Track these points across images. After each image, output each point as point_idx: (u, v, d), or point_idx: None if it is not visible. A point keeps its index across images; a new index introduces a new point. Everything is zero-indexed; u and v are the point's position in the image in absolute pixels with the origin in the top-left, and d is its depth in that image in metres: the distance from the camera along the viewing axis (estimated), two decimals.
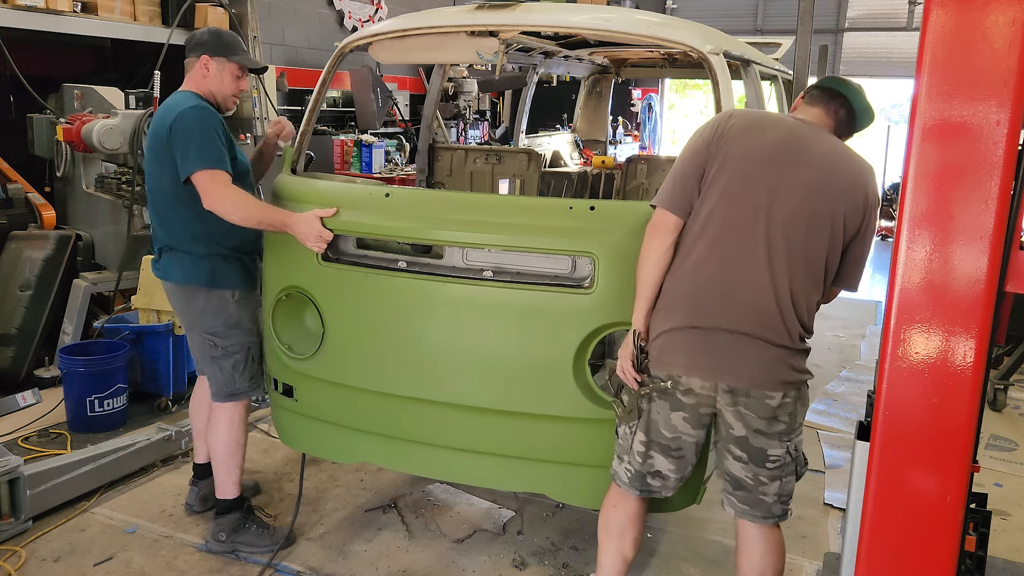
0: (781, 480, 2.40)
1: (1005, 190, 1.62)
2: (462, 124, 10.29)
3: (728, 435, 2.39)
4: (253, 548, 3.20)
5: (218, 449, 3.20)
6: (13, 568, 3.08)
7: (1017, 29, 1.56)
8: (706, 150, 2.33)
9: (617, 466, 2.54)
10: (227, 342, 3.14)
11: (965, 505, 1.76)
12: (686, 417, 2.38)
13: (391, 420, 3.00)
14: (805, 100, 2.47)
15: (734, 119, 2.36)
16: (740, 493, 2.43)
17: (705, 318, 2.29)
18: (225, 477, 3.22)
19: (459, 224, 2.79)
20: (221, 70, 3.09)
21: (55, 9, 5.68)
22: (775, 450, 2.36)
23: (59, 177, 5.64)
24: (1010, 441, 4.55)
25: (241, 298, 3.16)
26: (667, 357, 2.36)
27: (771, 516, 2.43)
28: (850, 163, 2.33)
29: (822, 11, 12.19)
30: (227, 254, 3.11)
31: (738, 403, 2.32)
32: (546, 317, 2.70)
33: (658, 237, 2.36)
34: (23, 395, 4.58)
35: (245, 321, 3.18)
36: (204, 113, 2.96)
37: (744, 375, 2.29)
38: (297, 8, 8.73)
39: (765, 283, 2.26)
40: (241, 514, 3.24)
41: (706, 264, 2.30)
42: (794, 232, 2.26)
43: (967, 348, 1.67)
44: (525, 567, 3.19)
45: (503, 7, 3.06)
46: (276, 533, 3.26)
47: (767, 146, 2.29)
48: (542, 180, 5.31)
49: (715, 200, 2.29)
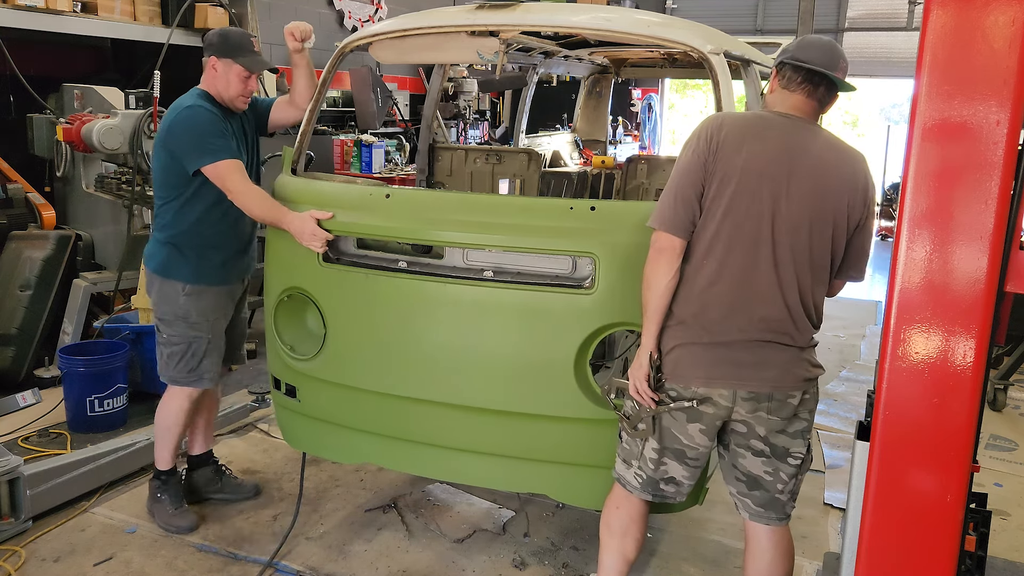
0: (798, 477, 2.42)
1: (1005, 190, 1.62)
2: (462, 124, 10.29)
3: (749, 432, 2.36)
4: (156, 519, 3.39)
5: (156, 423, 3.42)
6: (13, 568, 3.08)
7: (1017, 29, 1.56)
8: (703, 167, 2.27)
9: (624, 471, 2.50)
10: (170, 330, 3.26)
11: (965, 505, 1.76)
12: (703, 429, 2.35)
13: (393, 420, 3.00)
14: (782, 84, 2.35)
15: (725, 128, 2.29)
16: (757, 493, 2.42)
17: (720, 333, 2.28)
18: (157, 448, 3.43)
19: (459, 224, 2.79)
20: (227, 71, 3.16)
21: (55, 9, 5.68)
22: (798, 448, 2.37)
23: (59, 177, 5.64)
24: (1010, 441, 4.55)
25: (193, 292, 3.22)
26: (684, 370, 2.33)
27: (785, 516, 2.45)
28: (844, 157, 2.32)
29: (822, 11, 12.17)
30: (184, 246, 3.20)
31: (760, 408, 2.31)
32: (547, 317, 2.69)
33: (665, 261, 2.29)
34: (23, 395, 4.57)
35: (193, 315, 3.24)
36: (196, 112, 3.10)
37: (766, 380, 2.29)
38: (297, 8, 8.72)
39: (775, 294, 2.26)
40: (160, 483, 3.41)
41: (716, 283, 2.27)
42: (799, 237, 2.25)
43: (967, 348, 1.68)
44: (525, 567, 3.19)
45: (503, 7, 3.06)
46: (180, 514, 3.38)
47: (764, 156, 2.26)
48: (542, 180, 5.30)
49: (720, 219, 2.26)
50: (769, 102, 2.42)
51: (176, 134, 3.09)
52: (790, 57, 2.32)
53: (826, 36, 2.68)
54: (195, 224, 3.19)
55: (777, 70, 2.36)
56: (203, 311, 3.26)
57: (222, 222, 3.23)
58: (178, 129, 3.09)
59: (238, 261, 3.37)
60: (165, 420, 3.37)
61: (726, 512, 3.46)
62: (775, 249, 2.25)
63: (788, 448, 2.36)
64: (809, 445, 2.42)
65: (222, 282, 3.31)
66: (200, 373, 3.31)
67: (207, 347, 3.29)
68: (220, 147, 3.07)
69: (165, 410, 3.37)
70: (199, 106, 3.12)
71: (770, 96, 2.41)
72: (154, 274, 3.26)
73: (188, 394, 3.35)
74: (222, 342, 3.39)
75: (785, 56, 2.34)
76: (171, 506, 3.38)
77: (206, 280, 3.25)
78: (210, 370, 3.34)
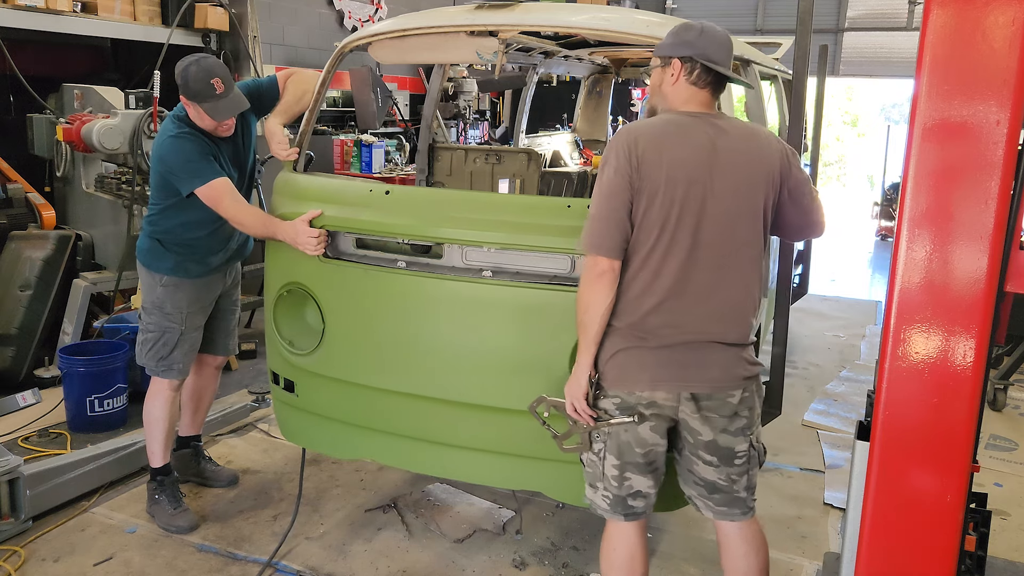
0: (748, 474, 2.43)
1: (1005, 190, 1.62)
2: (462, 124, 10.28)
3: (696, 441, 2.38)
4: (156, 519, 3.39)
5: (144, 417, 3.46)
6: (13, 568, 3.08)
7: (1017, 29, 1.56)
8: (629, 186, 2.24)
9: (592, 495, 2.46)
10: (148, 318, 3.39)
11: (965, 505, 1.77)
12: (653, 427, 2.35)
13: (391, 416, 3.00)
14: (690, 80, 2.32)
15: (641, 141, 2.25)
16: (717, 496, 2.44)
17: (662, 338, 2.28)
18: (148, 445, 3.46)
19: (458, 223, 2.80)
20: (198, 113, 3.15)
21: (55, 9, 5.68)
22: (740, 446, 2.39)
23: (59, 177, 5.64)
24: (1010, 441, 4.55)
25: (170, 284, 3.33)
26: (630, 374, 2.31)
27: (748, 510, 2.46)
28: (756, 141, 2.33)
29: (822, 11, 12.20)
30: (167, 243, 3.32)
31: (702, 408, 2.33)
32: (545, 315, 2.70)
33: (607, 283, 2.27)
34: (23, 395, 4.58)
35: (168, 306, 3.34)
36: (180, 142, 3.14)
37: (708, 380, 2.31)
38: (297, 8, 8.72)
39: (712, 295, 2.28)
40: (156, 484, 3.43)
41: (653, 292, 2.26)
42: (730, 235, 2.27)
43: (967, 348, 1.68)
44: (525, 567, 3.19)
45: (503, 7, 3.06)
46: (179, 515, 3.38)
47: (685, 162, 2.23)
48: (542, 180, 5.30)
49: (652, 232, 2.24)
50: (670, 95, 2.37)
51: (166, 162, 3.16)
52: (701, 56, 2.30)
53: (826, 36, 2.67)
54: (179, 226, 3.29)
55: (682, 63, 2.32)
56: (178, 303, 3.35)
57: (204, 227, 3.30)
58: (167, 158, 3.15)
59: (220, 257, 3.43)
60: (150, 413, 3.43)
61: None
62: (708, 251, 2.25)
63: (733, 448, 2.38)
64: (756, 441, 2.43)
65: (200, 276, 3.38)
66: (170, 363, 3.37)
67: (179, 339, 3.36)
68: (206, 170, 3.11)
69: (150, 404, 3.44)
70: (182, 135, 3.15)
71: (670, 88, 2.37)
72: (140, 264, 3.40)
73: (168, 385, 3.41)
74: (197, 335, 3.45)
75: (693, 52, 2.31)
76: (170, 506, 3.39)
77: (183, 273, 3.34)
78: (180, 361, 3.39)
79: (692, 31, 2.35)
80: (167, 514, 3.38)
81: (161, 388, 3.41)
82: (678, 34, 2.36)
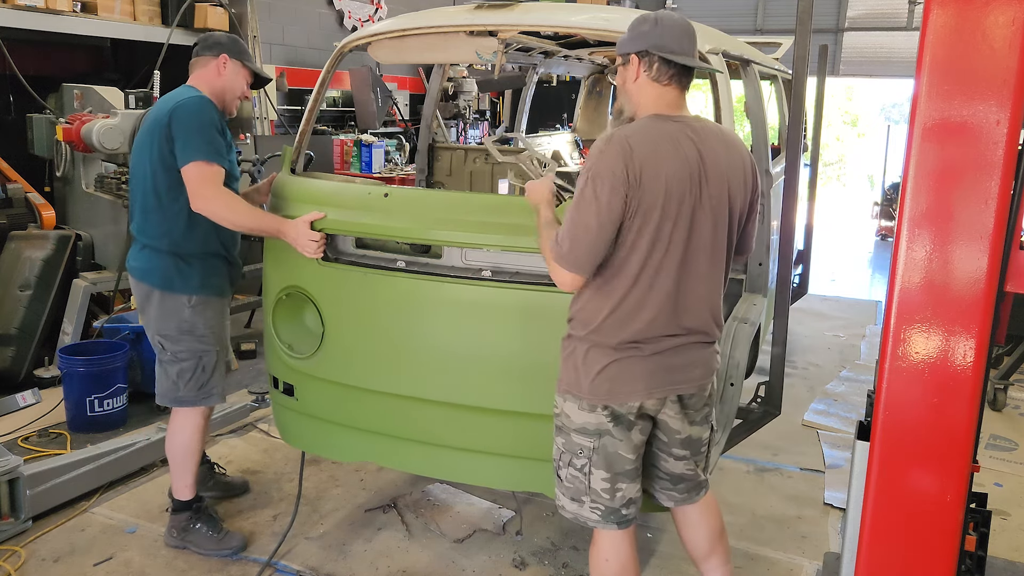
0: (709, 456, 2.51)
1: (1005, 190, 1.62)
2: (462, 124, 10.29)
3: (672, 439, 2.40)
4: (200, 548, 3.19)
5: (172, 453, 3.20)
6: (13, 568, 3.08)
7: (1017, 29, 1.56)
8: (624, 204, 2.13)
9: (578, 508, 2.38)
10: (176, 347, 3.08)
11: (965, 505, 1.77)
12: (640, 428, 2.34)
13: (391, 419, 3.00)
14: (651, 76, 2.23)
15: (636, 152, 2.13)
16: (682, 486, 2.48)
17: (653, 344, 2.27)
18: (178, 479, 3.20)
19: (458, 224, 2.79)
20: (237, 72, 3.14)
21: (55, 9, 5.69)
22: (705, 433, 2.47)
23: (59, 177, 5.63)
24: (1010, 441, 4.55)
25: (199, 303, 3.07)
26: (623, 386, 2.26)
27: (706, 487, 2.53)
28: (732, 148, 2.31)
29: (822, 11, 12.20)
30: (187, 255, 3.04)
31: (685, 407, 2.37)
32: (544, 316, 2.69)
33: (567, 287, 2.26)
34: (23, 395, 4.58)
35: (200, 327, 3.09)
36: (209, 106, 3.01)
37: (693, 379, 2.35)
38: (297, 8, 8.73)
39: (701, 302, 2.30)
40: (191, 514, 3.21)
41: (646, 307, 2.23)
42: (712, 241, 2.28)
43: (967, 348, 1.68)
44: (525, 567, 3.19)
45: (502, 7, 3.05)
46: (226, 537, 3.23)
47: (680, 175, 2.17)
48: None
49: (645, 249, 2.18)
50: (635, 94, 2.28)
51: (184, 119, 2.89)
52: (656, 48, 2.20)
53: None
54: (193, 230, 3.02)
55: (639, 58, 2.23)
56: (210, 322, 3.12)
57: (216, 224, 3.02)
58: (189, 117, 2.90)
59: (236, 268, 3.27)
60: (185, 446, 3.16)
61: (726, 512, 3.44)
62: (696, 259, 2.25)
63: (701, 438, 2.45)
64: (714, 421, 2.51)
65: (224, 293, 3.21)
66: (210, 389, 3.16)
67: (216, 360, 3.15)
68: (219, 148, 2.94)
69: (181, 436, 3.17)
70: (210, 105, 3.01)
71: (633, 87, 2.27)
72: (154, 288, 3.05)
73: (201, 412, 3.19)
74: (228, 353, 3.29)
75: (649, 45, 2.21)
76: (212, 532, 3.21)
77: (212, 290, 3.12)
78: (219, 384, 3.19)
79: (646, 22, 2.23)
80: (214, 540, 3.20)
81: (194, 418, 3.17)
82: (633, 27, 2.25)
